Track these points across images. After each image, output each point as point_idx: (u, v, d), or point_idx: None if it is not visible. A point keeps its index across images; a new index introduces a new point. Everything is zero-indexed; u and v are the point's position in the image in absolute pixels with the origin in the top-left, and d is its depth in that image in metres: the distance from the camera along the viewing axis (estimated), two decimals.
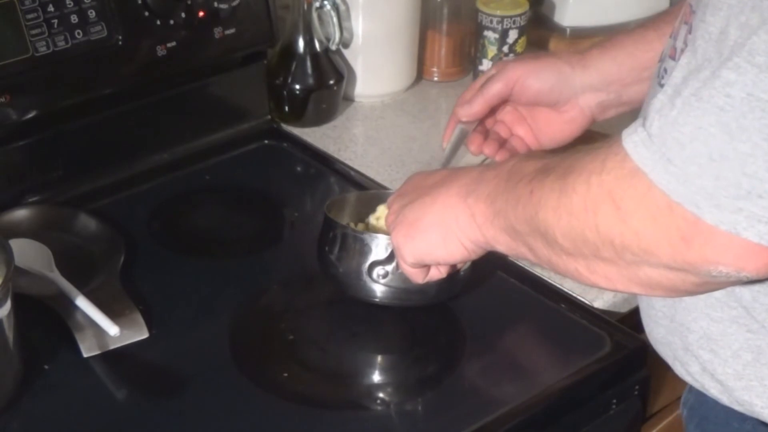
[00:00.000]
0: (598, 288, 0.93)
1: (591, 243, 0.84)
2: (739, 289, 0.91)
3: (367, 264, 1.13)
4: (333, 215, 1.20)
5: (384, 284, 1.13)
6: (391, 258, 1.12)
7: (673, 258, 0.78)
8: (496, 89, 1.24)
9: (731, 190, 0.73)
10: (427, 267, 1.07)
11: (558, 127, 1.26)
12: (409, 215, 1.02)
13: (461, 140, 1.28)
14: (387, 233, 1.13)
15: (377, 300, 1.15)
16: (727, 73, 0.72)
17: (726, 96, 0.72)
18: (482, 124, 1.29)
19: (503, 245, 0.95)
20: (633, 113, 1.19)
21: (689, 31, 0.88)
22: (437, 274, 1.08)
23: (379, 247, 1.13)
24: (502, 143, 1.28)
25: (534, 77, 1.23)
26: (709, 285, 0.82)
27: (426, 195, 1.01)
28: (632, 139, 0.79)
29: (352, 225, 1.21)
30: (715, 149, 0.73)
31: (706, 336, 0.97)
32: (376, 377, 1.15)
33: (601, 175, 0.81)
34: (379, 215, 1.21)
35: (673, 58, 0.92)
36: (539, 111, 1.26)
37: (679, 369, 1.05)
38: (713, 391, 1.01)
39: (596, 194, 0.82)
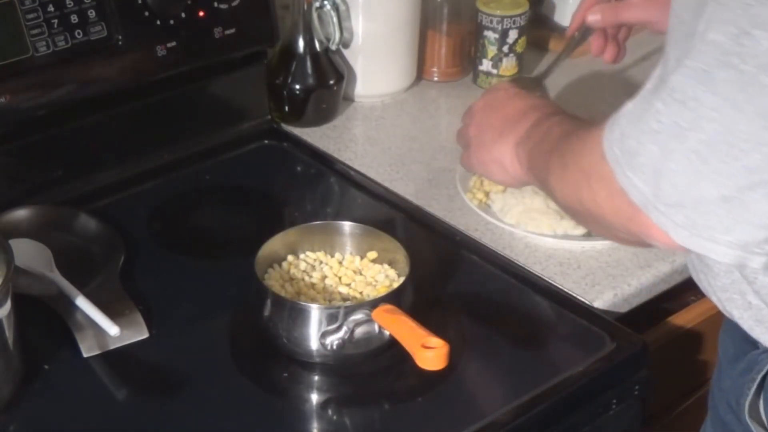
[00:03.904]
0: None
1: (573, 209, 1.02)
2: None
3: (318, 334, 1.10)
4: (264, 261, 1.17)
5: (338, 352, 1.10)
6: (341, 327, 1.08)
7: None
8: (632, 15, 1.39)
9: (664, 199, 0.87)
10: None
11: None
12: (485, 139, 1.23)
13: (584, 37, 1.43)
14: (337, 281, 1.17)
15: (331, 363, 1.13)
16: (658, 104, 0.85)
17: (658, 122, 0.85)
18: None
19: (535, 184, 1.17)
20: None
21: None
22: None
23: (329, 318, 1.09)
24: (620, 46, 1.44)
25: None
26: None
27: (500, 132, 1.21)
28: (608, 137, 0.91)
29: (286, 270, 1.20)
30: (656, 165, 0.86)
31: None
32: (376, 377, 1.15)
33: (582, 156, 0.97)
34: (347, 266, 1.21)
35: None
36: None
37: (695, 275, 1.11)
38: (713, 298, 1.08)
39: (578, 174, 0.98)
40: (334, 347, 1.09)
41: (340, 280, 1.20)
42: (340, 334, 1.09)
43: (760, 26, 0.78)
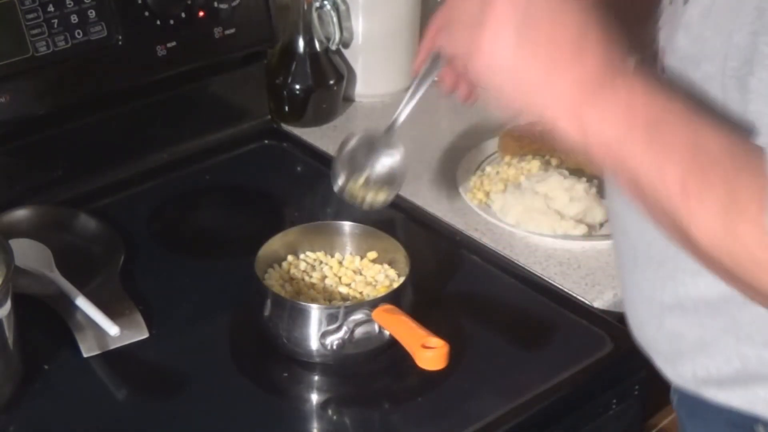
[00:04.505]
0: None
1: (744, 274, 0.76)
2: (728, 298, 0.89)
3: (318, 334, 1.10)
4: (264, 261, 1.17)
5: (338, 352, 1.09)
6: (341, 327, 1.08)
7: None
8: None
9: None
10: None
11: None
12: (531, 54, 0.80)
13: (434, 69, 1.14)
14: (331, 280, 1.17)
15: (331, 363, 1.13)
16: None
17: None
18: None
19: (605, 167, 0.81)
20: None
21: None
22: None
23: (329, 318, 1.09)
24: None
25: None
26: None
27: (552, 58, 0.79)
28: None
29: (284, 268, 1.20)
30: None
31: (701, 341, 0.95)
32: (376, 377, 1.15)
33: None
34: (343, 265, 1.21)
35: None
36: None
37: (670, 372, 1.02)
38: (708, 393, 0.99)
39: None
40: (334, 347, 1.09)
41: (340, 280, 1.20)
42: (340, 334, 1.09)
43: None
